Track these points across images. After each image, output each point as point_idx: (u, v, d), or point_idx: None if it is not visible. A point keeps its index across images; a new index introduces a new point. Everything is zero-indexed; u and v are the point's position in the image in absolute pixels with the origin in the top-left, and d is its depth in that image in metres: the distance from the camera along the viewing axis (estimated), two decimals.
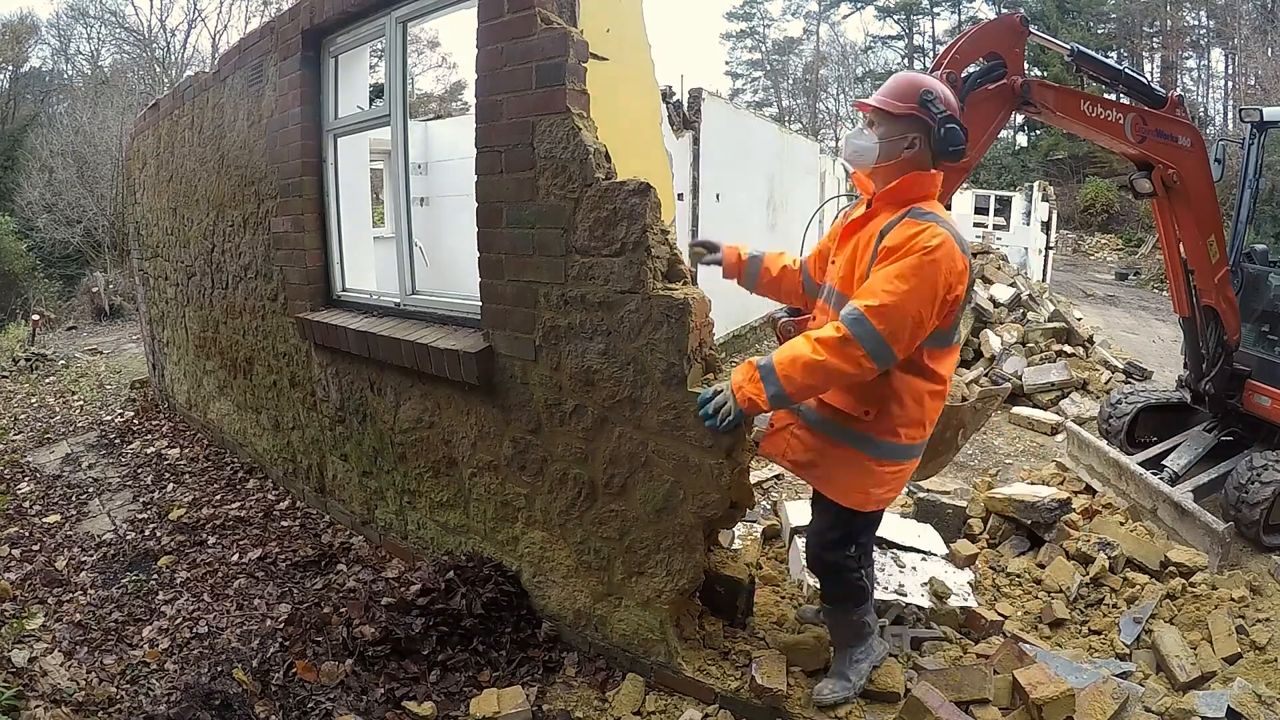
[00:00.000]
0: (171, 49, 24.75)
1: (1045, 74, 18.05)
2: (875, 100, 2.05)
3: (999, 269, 8.56)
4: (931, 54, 34.24)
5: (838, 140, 37.54)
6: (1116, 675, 2.65)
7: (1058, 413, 6.14)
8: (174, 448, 5.50)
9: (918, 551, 3.46)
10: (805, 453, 2.19)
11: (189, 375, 5.77)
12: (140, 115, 6.60)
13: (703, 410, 2.12)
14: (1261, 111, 4.39)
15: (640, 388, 2.37)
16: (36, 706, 2.26)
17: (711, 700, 2.40)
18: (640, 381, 2.37)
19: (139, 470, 5.06)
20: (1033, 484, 4.34)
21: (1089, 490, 4.38)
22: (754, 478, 4.54)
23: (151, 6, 35.99)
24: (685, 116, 7.61)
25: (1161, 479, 4.04)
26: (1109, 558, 3.55)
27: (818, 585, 2.45)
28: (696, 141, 7.67)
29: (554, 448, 2.65)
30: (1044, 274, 13.19)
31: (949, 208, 2.44)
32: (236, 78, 4.29)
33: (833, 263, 2.21)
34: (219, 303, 4.89)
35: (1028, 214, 14.45)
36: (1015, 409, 6.16)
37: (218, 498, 4.43)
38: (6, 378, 9.29)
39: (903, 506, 4.14)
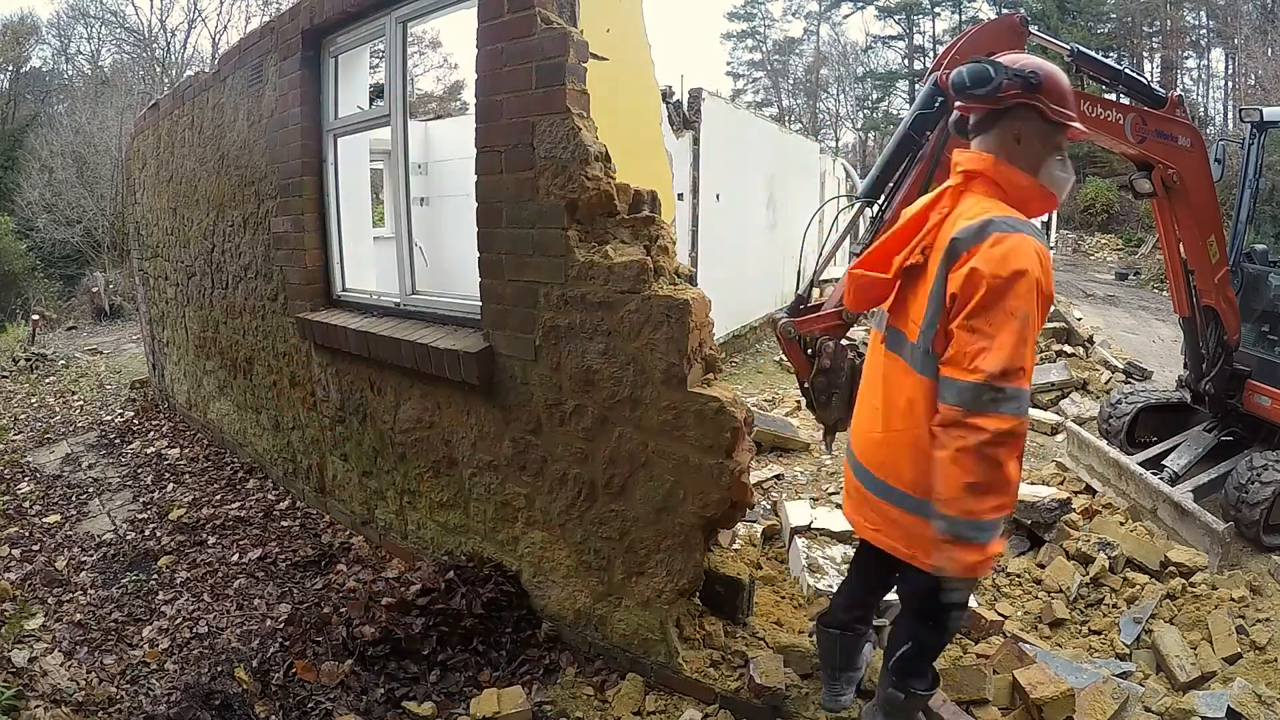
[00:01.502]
0: (171, 49, 24.79)
1: None
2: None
3: None
4: (932, 54, 34.24)
5: (837, 140, 37.61)
6: (1116, 675, 2.65)
7: (1058, 413, 6.13)
8: (174, 448, 5.50)
9: None
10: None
11: (189, 375, 5.77)
12: (140, 115, 6.60)
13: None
14: (1261, 111, 4.39)
15: (640, 388, 2.37)
16: (36, 706, 2.27)
17: (711, 700, 2.40)
18: (640, 381, 2.37)
19: (139, 470, 5.06)
20: (1033, 484, 4.34)
21: (1089, 490, 4.38)
22: (754, 478, 4.54)
23: (151, 6, 35.87)
24: (685, 116, 7.61)
25: (1161, 479, 4.03)
26: (1109, 558, 3.55)
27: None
28: (696, 141, 7.67)
29: (554, 448, 2.65)
30: None
31: None
32: (236, 78, 4.29)
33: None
34: (219, 303, 4.89)
35: None
36: None
37: (218, 498, 4.43)
38: (6, 378, 9.29)
39: None
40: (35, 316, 12.53)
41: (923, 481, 1.69)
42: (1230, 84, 27.45)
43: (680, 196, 7.38)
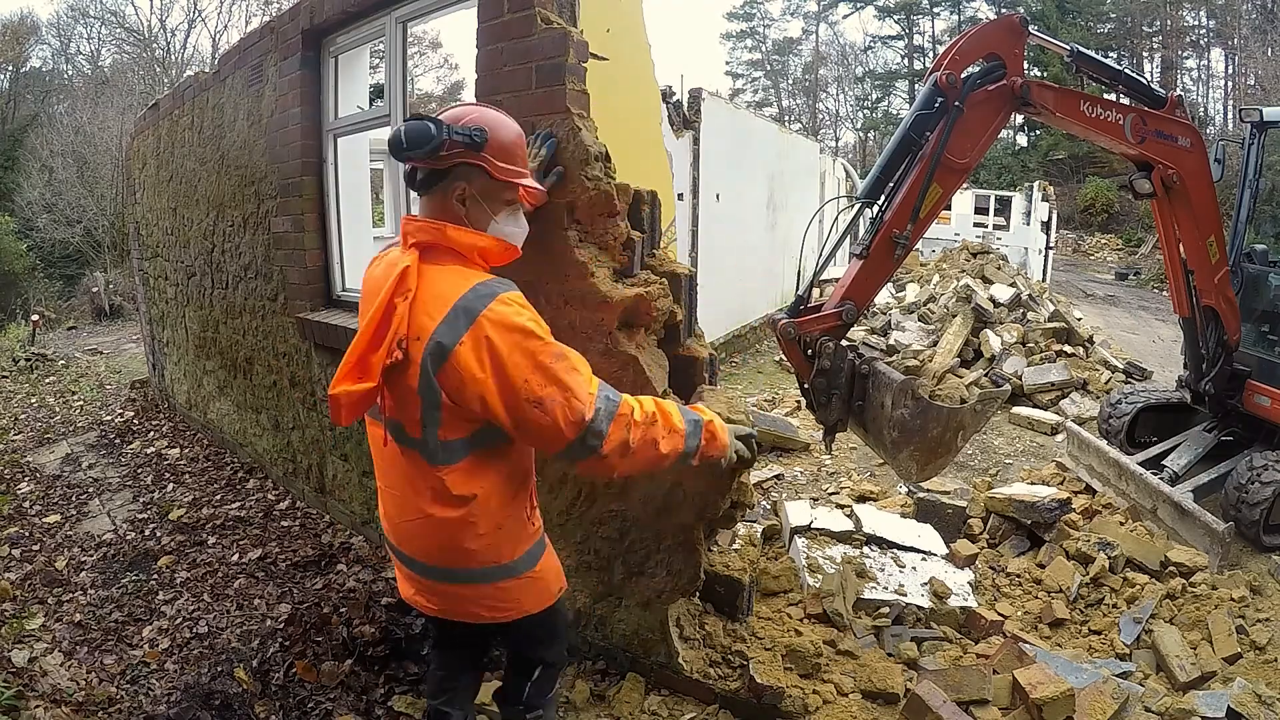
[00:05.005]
0: (171, 49, 24.80)
1: (1045, 74, 18.06)
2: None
3: (999, 269, 8.57)
4: (931, 54, 34.26)
5: (837, 140, 37.64)
6: (1116, 675, 2.65)
7: (1058, 413, 6.13)
8: (174, 448, 5.51)
9: (918, 551, 3.47)
10: None
11: (189, 375, 5.77)
12: (140, 115, 6.60)
13: None
14: (1261, 111, 4.38)
15: (640, 388, 2.37)
16: (36, 706, 2.27)
17: (711, 700, 2.40)
18: (640, 381, 2.36)
19: (139, 470, 5.06)
20: (1033, 484, 4.34)
21: (1089, 490, 4.38)
22: (754, 477, 4.55)
23: (151, 6, 35.85)
24: (685, 116, 7.61)
25: (1161, 479, 4.03)
26: (1109, 558, 3.55)
27: None
28: (696, 141, 7.67)
29: None
30: (1044, 274, 13.18)
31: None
32: (236, 78, 4.29)
33: None
34: (219, 303, 4.89)
35: (1028, 214, 14.45)
36: (1015, 409, 6.16)
37: (218, 498, 4.43)
38: (6, 378, 9.28)
39: (903, 506, 4.14)
40: (35, 316, 12.53)
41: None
42: (1230, 84, 27.48)
43: (680, 196, 7.38)
